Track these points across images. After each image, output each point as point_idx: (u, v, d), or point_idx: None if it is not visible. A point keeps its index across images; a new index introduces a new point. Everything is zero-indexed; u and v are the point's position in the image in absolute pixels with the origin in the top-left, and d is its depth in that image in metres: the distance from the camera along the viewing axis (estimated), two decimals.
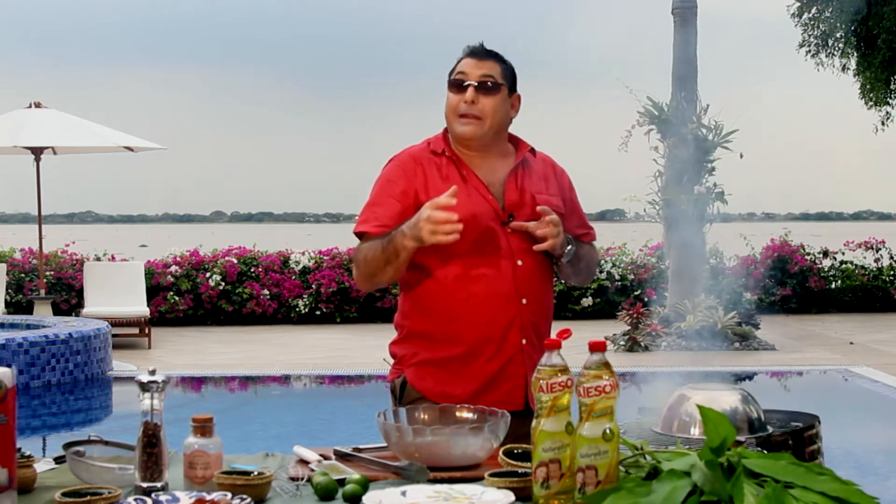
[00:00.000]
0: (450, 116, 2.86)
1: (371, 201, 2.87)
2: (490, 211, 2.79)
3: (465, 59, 2.86)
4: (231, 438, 2.23)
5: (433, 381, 2.79)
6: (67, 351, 9.46)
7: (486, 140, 2.85)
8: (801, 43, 18.34)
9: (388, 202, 2.81)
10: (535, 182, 2.88)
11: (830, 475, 1.77)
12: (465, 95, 2.81)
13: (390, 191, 2.83)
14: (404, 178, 2.82)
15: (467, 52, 2.88)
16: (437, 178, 2.81)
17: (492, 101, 2.82)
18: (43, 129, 12.33)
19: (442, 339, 2.77)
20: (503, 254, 2.78)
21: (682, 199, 12.03)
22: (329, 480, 2.02)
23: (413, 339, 2.84)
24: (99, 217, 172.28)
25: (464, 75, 2.83)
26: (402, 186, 2.81)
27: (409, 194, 2.80)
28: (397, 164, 2.87)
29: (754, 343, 11.54)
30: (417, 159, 2.86)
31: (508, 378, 2.77)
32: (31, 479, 2.10)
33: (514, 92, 2.90)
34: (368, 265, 2.77)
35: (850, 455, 6.63)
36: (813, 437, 3.23)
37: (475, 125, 2.82)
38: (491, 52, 2.87)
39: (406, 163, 2.86)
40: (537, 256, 2.82)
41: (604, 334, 11.27)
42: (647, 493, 1.74)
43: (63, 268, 14.19)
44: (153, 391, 2.05)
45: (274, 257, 14.98)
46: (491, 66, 2.84)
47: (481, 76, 2.82)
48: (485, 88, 2.81)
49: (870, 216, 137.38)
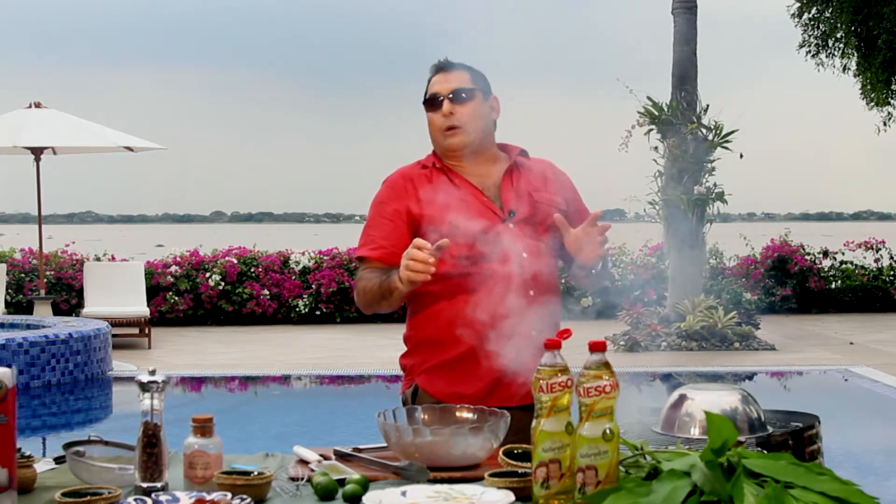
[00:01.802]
0: (435, 135, 2.90)
1: (367, 225, 2.94)
2: (487, 211, 2.81)
3: (434, 77, 2.91)
4: (231, 438, 2.23)
5: (444, 383, 2.79)
6: (67, 351, 9.46)
7: (475, 147, 2.88)
8: (801, 43, 18.35)
9: (381, 223, 2.87)
10: (533, 181, 2.90)
11: (830, 475, 1.77)
12: (443, 110, 2.85)
13: (382, 212, 2.89)
14: (395, 198, 2.87)
15: (434, 71, 2.94)
16: (427, 188, 2.84)
17: (469, 109, 2.86)
18: (43, 129, 12.33)
19: (450, 341, 2.77)
20: (507, 249, 2.78)
21: (682, 199, 12.03)
22: (329, 480, 2.02)
23: (421, 348, 2.86)
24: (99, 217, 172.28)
25: (435, 93, 2.88)
26: (393, 206, 2.86)
27: (400, 212, 2.84)
28: (388, 186, 2.93)
29: (754, 343, 11.54)
30: (407, 176, 2.91)
31: (520, 374, 2.76)
32: (31, 479, 2.10)
33: (490, 94, 2.93)
34: (366, 296, 2.85)
35: (850, 455, 6.63)
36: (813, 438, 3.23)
37: (460, 135, 2.85)
38: (455, 63, 2.93)
39: (395, 182, 2.91)
40: (542, 250, 2.83)
41: (604, 334, 11.26)
42: (647, 493, 1.74)
43: (63, 268, 14.20)
44: (153, 391, 2.05)
45: (274, 257, 14.98)
46: (459, 77, 2.88)
47: (452, 89, 2.86)
48: (459, 99, 2.85)
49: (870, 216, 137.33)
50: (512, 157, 2.93)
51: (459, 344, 2.75)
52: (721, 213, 12.45)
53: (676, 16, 12.85)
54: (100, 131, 12.90)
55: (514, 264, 2.77)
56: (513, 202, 2.83)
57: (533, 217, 2.84)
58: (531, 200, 2.85)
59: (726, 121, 12.32)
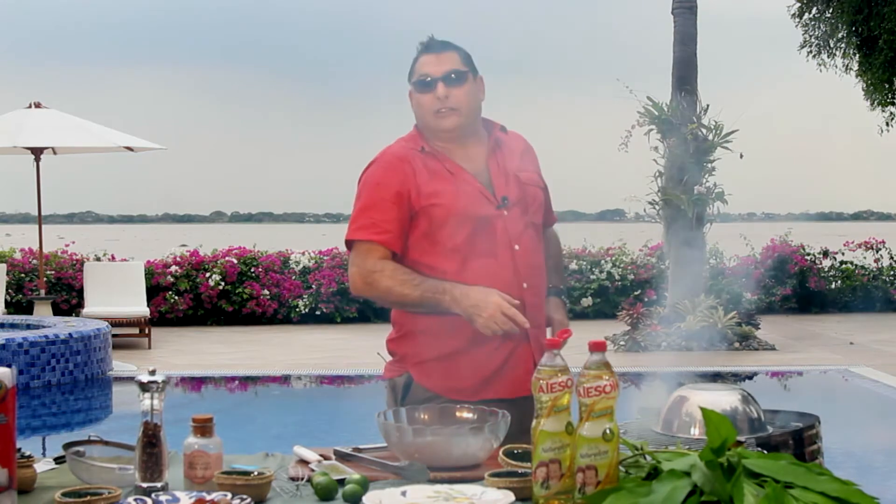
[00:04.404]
0: (426, 117, 2.82)
1: (364, 205, 2.80)
2: (483, 199, 2.78)
3: (424, 58, 2.83)
4: (231, 438, 2.23)
5: (440, 376, 2.77)
6: (67, 351, 9.46)
7: (467, 129, 2.84)
8: (802, 44, 18.34)
9: (384, 207, 2.76)
10: (514, 160, 2.88)
11: (830, 475, 1.77)
12: (437, 93, 2.78)
13: (384, 194, 2.77)
14: (397, 180, 2.77)
15: (422, 50, 2.85)
16: (425, 175, 2.78)
17: (463, 91, 2.81)
18: (43, 129, 12.33)
19: (446, 333, 2.73)
20: (500, 240, 2.77)
21: (682, 199, 12.03)
22: (329, 480, 2.02)
23: (415, 337, 2.81)
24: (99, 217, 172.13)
25: (427, 74, 2.81)
26: (395, 188, 2.76)
27: (403, 196, 2.76)
28: (386, 167, 2.81)
29: (754, 343, 11.54)
30: (403, 158, 2.81)
31: (518, 364, 2.76)
32: (31, 479, 2.09)
33: (477, 74, 2.89)
34: (389, 295, 2.74)
35: (850, 455, 6.62)
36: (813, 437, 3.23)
37: (455, 116, 2.80)
38: (445, 42, 2.86)
39: (394, 164, 2.80)
40: (533, 240, 2.84)
41: (604, 334, 11.26)
42: (647, 493, 1.74)
43: (63, 268, 14.19)
44: (153, 391, 2.05)
45: (274, 257, 14.98)
46: (451, 57, 2.83)
47: (445, 70, 2.80)
48: (452, 82, 2.80)
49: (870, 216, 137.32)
50: (493, 135, 2.90)
51: (455, 337, 2.72)
52: (721, 213, 12.45)
53: (676, 16, 12.85)
54: (100, 131, 12.90)
55: (509, 255, 2.77)
56: (503, 187, 2.82)
57: (522, 200, 2.83)
58: (518, 182, 2.84)
59: (726, 121, 12.33)
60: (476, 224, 2.75)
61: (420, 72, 2.82)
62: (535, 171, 2.93)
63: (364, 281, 2.76)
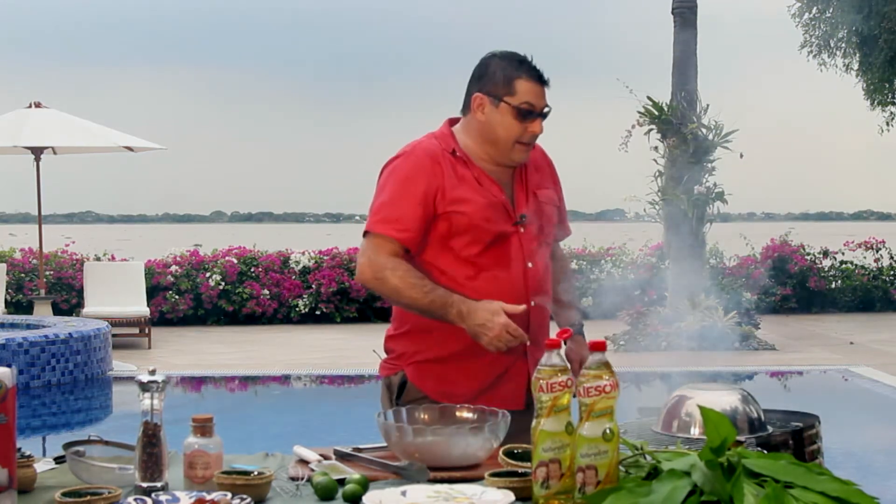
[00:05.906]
0: (505, 140, 2.74)
1: (388, 199, 2.73)
2: (504, 214, 2.77)
3: (530, 85, 2.73)
4: (231, 438, 2.23)
5: (435, 379, 2.77)
6: (67, 351, 9.45)
7: None
8: (802, 43, 18.34)
9: (409, 205, 2.70)
10: (534, 175, 2.88)
11: (830, 475, 1.77)
12: (533, 127, 2.73)
13: (412, 190, 2.70)
14: (424, 179, 2.71)
15: (529, 75, 2.74)
16: (453, 179, 2.73)
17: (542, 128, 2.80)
18: (43, 129, 12.33)
19: (446, 335, 2.71)
20: (514, 256, 2.76)
21: (682, 199, 12.03)
22: (329, 480, 2.02)
23: (415, 336, 2.80)
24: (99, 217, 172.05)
25: (532, 105, 2.73)
26: (422, 187, 2.70)
27: (429, 196, 2.70)
28: (416, 163, 2.74)
29: (754, 343, 11.54)
30: (434, 157, 2.74)
31: (511, 378, 2.76)
32: (31, 479, 2.10)
33: None
34: (396, 295, 2.70)
35: (850, 455, 6.62)
36: (813, 437, 3.23)
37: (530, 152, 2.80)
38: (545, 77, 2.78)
39: (423, 161, 2.73)
40: (545, 258, 2.85)
41: (604, 334, 11.25)
42: (647, 493, 1.74)
43: (63, 268, 14.19)
44: (153, 391, 2.05)
45: (274, 257, 14.98)
46: (546, 92, 2.78)
47: (544, 106, 2.76)
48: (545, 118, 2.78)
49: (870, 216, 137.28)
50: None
51: (455, 340, 2.71)
52: (721, 213, 12.45)
53: (676, 16, 12.85)
54: (100, 131, 12.90)
55: (521, 271, 2.77)
56: (523, 204, 2.80)
57: (539, 218, 2.83)
58: (536, 201, 2.83)
59: (726, 121, 12.33)
60: (494, 237, 2.74)
61: (525, 98, 2.73)
62: (552, 187, 2.92)
63: (374, 275, 2.71)
